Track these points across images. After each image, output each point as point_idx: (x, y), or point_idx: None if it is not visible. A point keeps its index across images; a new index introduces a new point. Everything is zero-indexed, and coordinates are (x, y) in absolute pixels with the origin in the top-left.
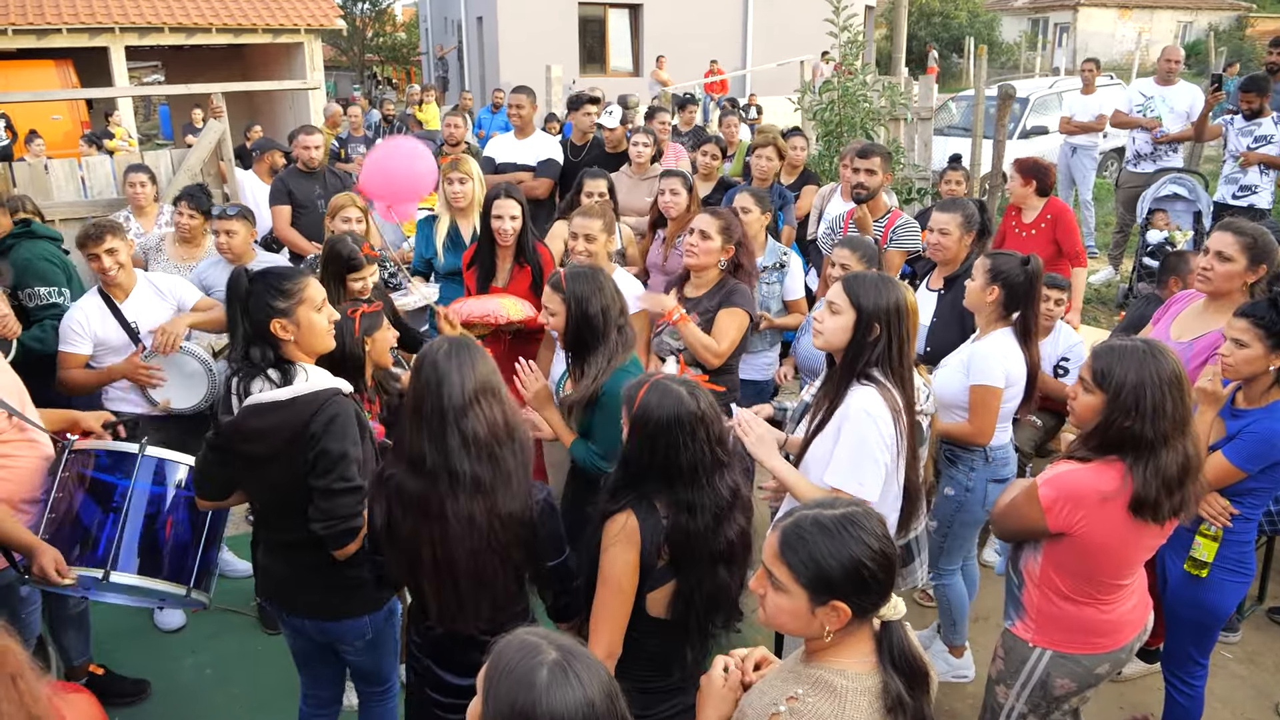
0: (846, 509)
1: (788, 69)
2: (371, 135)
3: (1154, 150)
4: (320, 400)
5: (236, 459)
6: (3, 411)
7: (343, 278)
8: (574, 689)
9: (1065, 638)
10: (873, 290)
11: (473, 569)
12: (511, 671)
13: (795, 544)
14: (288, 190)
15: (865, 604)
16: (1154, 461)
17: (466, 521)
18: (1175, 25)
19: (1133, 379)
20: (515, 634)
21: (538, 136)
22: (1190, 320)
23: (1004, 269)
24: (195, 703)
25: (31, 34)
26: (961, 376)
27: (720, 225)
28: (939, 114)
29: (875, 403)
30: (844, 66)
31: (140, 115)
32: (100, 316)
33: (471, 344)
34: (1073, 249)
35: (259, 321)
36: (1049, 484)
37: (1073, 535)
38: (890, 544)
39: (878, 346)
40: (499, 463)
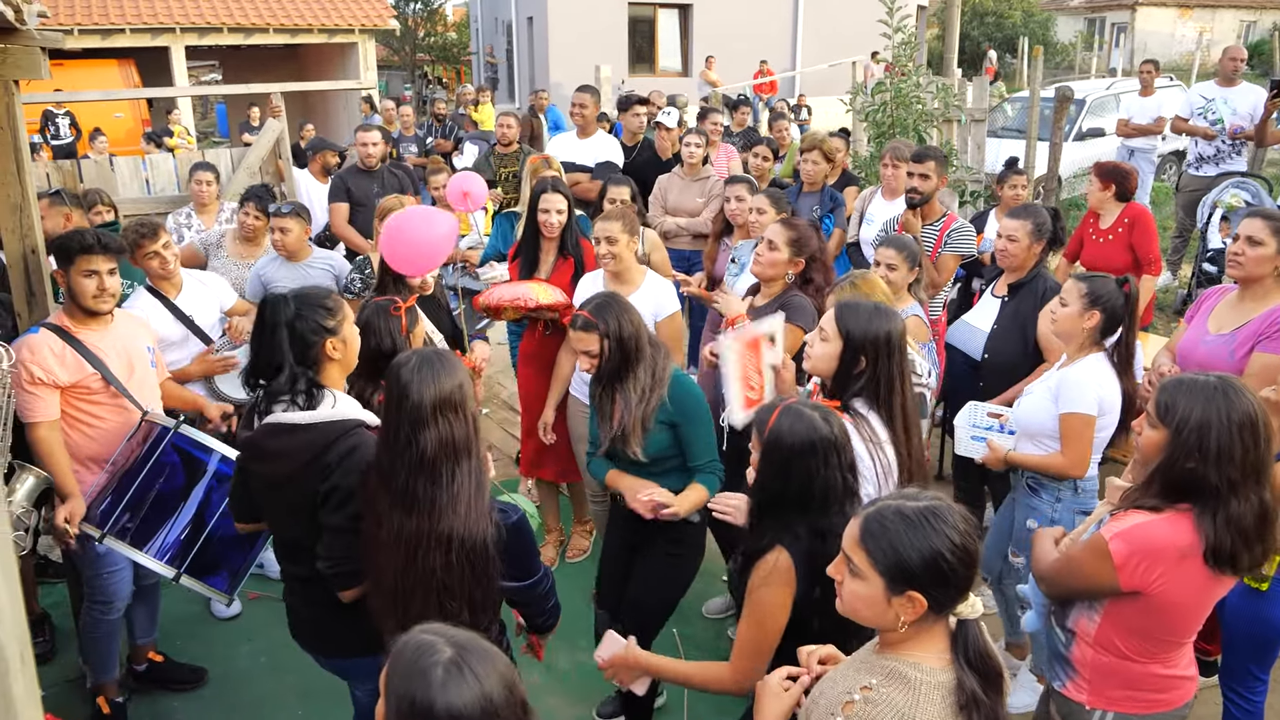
0: (930, 501)
1: (838, 70)
2: (422, 135)
3: (1217, 153)
4: (341, 430)
5: (253, 479)
6: (99, 376)
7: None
8: (469, 685)
9: (1126, 695)
10: (864, 320)
11: (391, 585)
12: (408, 671)
13: (876, 531)
14: (346, 188)
15: (942, 598)
16: (1224, 511)
17: (394, 536)
18: (1238, 25)
19: (1197, 417)
20: (412, 633)
21: (599, 137)
22: (1226, 312)
23: (1104, 294)
24: (249, 690)
25: (96, 34)
26: (1050, 404)
27: (790, 237)
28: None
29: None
30: (896, 67)
31: (198, 114)
32: (156, 315)
33: (445, 356)
34: (1148, 256)
35: (310, 344)
36: (1121, 538)
37: (1148, 594)
38: (973, 540)
39: (862, 379)
40: (444, 482)
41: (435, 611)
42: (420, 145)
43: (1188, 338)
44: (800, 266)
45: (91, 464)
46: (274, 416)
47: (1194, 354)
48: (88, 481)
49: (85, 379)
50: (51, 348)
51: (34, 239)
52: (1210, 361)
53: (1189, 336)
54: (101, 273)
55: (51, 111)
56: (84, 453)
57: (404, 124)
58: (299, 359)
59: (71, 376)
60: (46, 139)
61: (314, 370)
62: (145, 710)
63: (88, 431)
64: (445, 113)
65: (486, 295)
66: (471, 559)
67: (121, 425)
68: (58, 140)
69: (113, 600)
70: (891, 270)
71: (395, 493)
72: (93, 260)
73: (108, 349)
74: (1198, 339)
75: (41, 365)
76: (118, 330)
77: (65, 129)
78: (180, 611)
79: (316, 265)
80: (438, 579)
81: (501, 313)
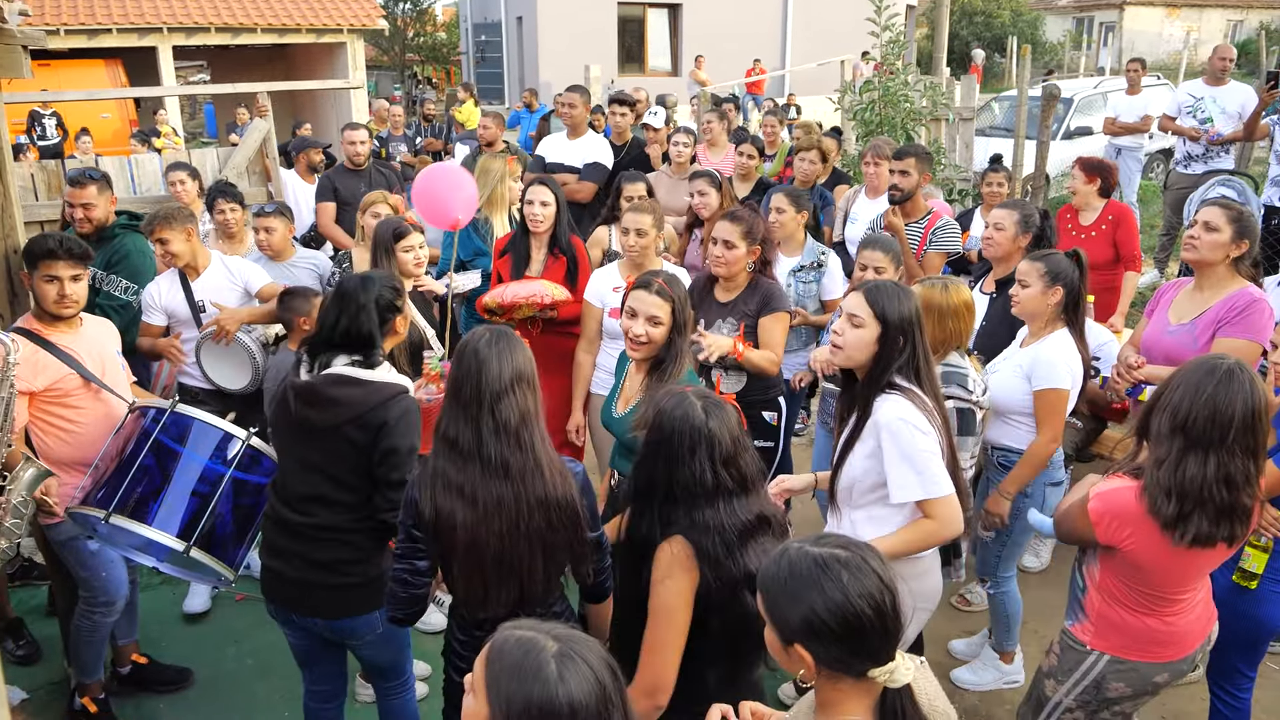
0: (835, 550)
1: (827, 69)
2: (411, 134)
3: (1205, 151)
4: (395, 390)
5: (290, 421)
6: (77, 375)
7: (392, 249)
8: (584, 674)
9: (1124, 643)
10: (895, 300)
11: (498, 552)
12: (519, 669)
13: (767, 578)
14: (333, 187)
15: (832, 657)
16: (1171, 471)
17: (495, 504)
18: (1225, 24)
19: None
20: (506, 632)
21: (588, 138)
22: (1185, 303)
23: (1062, 269)
24: (236, 693)
25: (82, 34)
26: (1020, 382)
27: (741, 230)
28: (981, 114)
29: (908, 410)
30: (885, 66)
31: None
32: (170, 290)
33: (510, 334)
34: (1130, 253)
35: (387, 320)
36: (1099, 498)
37: (1122, 551)
38: (874, 602)
39: (902, 356)
40: (529, 448)
41: (540, 569)
42: (410, 145)
43: (1150, 330)
44: (758, 253)
45: (69, 468)
46: (337, 368)
47: (1159, 345)
48: (68, 485)
49: (60, 380)
50: (25, 352)
51: (15, 239)
52: (1176, 351)
53: (1151, 329)
54: (63, 279)
55: (38, 112)
56: (61, 457)
57: (393, 124)
58: (369, 333)
59: (45, 380)
60: (33, 139)
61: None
62: (130, 713)
63: (64, 436)
64: (434, 113)
65: (497, 295)
66: (568, 516)
67: (103, 422)
68: (44, 141)
69: (115, 600)
70: (879, 273)
71: (484, 465)
72: (54, 266)
73: (80, 350)
74: (1161, 331)
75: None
76: (87, 332)
77: (52, 129)
78: (166, 614)
79: (300, 265)
80: (543, 538)
81: (516, 310)
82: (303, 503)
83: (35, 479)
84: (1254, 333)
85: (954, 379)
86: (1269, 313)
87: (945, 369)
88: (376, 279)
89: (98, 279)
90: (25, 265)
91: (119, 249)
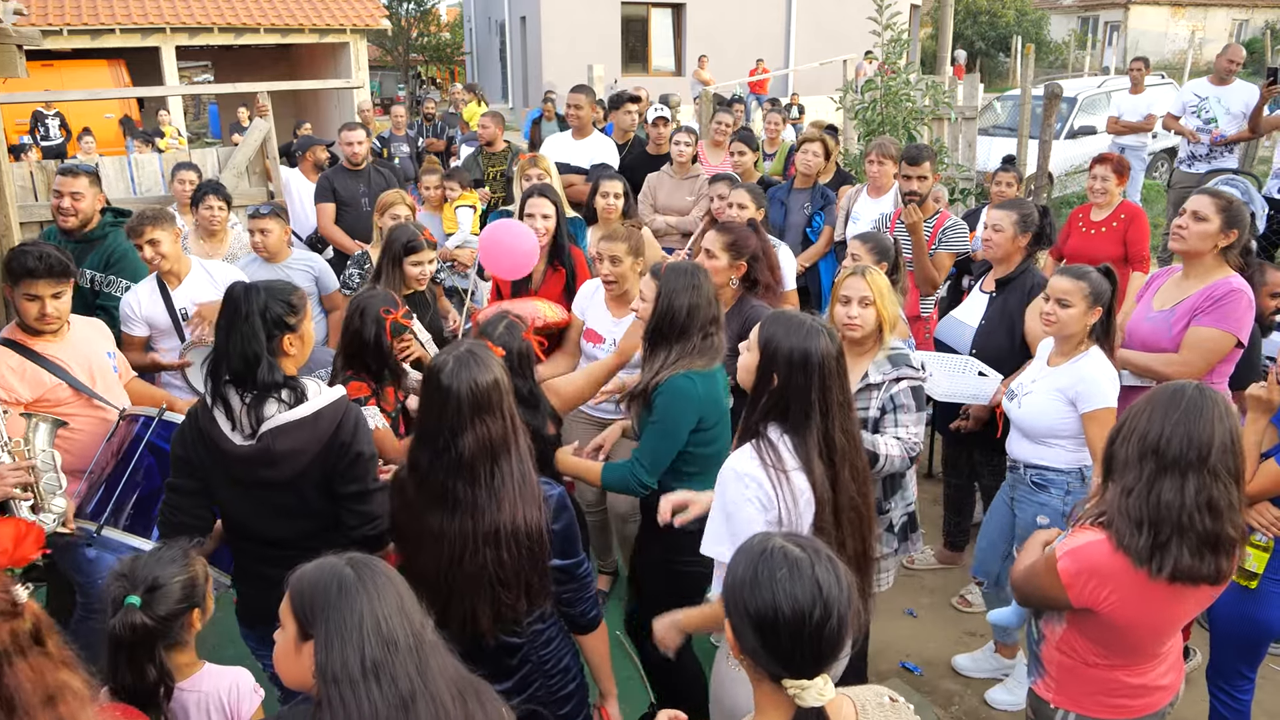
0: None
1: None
2: (414, 134)
3: (1209, 151)
4: (343, 407)
5: (242, 486)
6: (67, 385)
7: (401, 261)
8: (380, 577)
9: (1089, 698)
10: (783, 334)
11: (436, 581)
12: (321, 586)
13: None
14: (332, 188)
15: (747, 646)
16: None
17: (435, 535)
18: (1230, 23)
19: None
20: (303, 567)
21: (594, 138)
22: (1170, 290)
23: (1103, 290)
24: None
25: (86, 34)
26: (1061, 406)
27: (726, 241)
28: (984, 113)
29: (744, 460)
30: (887, 65)
31: (190, 115)
32: (150, 300)
33: (480, 354)
34: (1140, 253)
35: (271, 337)
36: (1070, 556)
37: (1100, 613)
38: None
39: (772, 397)
40: (484, 481)
41: (487, 604)
42: (412, 145)
43: (1134, 315)
44: (742, 269)
45: (67, 477)
46: (278, 419)
47: (1137, 330)
48: (67, 493)
49: (50, 391)
50: (9, 364)
51: (10, 241)
52: (1151, 337)
53: (1135, 314)
54: (44, 297)
55: (41, 112)
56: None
57: (395, 124)
58: (266, 352)
59: (34, 392)
60: (36, 140)
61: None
62: None
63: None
64: (435, 112)
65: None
66: (529, 545)
67: (97, 430)
68: (47, 141)
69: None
70: (855, 261)
71: (433, 494)
72: (34, 285)
73: (67, 358)
74: (1141, 316)
75: (1, 383)
76: (75, 338)
77: (55, 130)
78: None
79: (296, 267)
80: (489, 574)
81: None
82: (281, 545)
83: (50, 431)
84: (1228, 323)
85: (901, 361)
86: (1247, 303)
87: (891, 353)
88: (266, 289)
89: (96, 281)
90: (6, 280)
91: (114, 248)
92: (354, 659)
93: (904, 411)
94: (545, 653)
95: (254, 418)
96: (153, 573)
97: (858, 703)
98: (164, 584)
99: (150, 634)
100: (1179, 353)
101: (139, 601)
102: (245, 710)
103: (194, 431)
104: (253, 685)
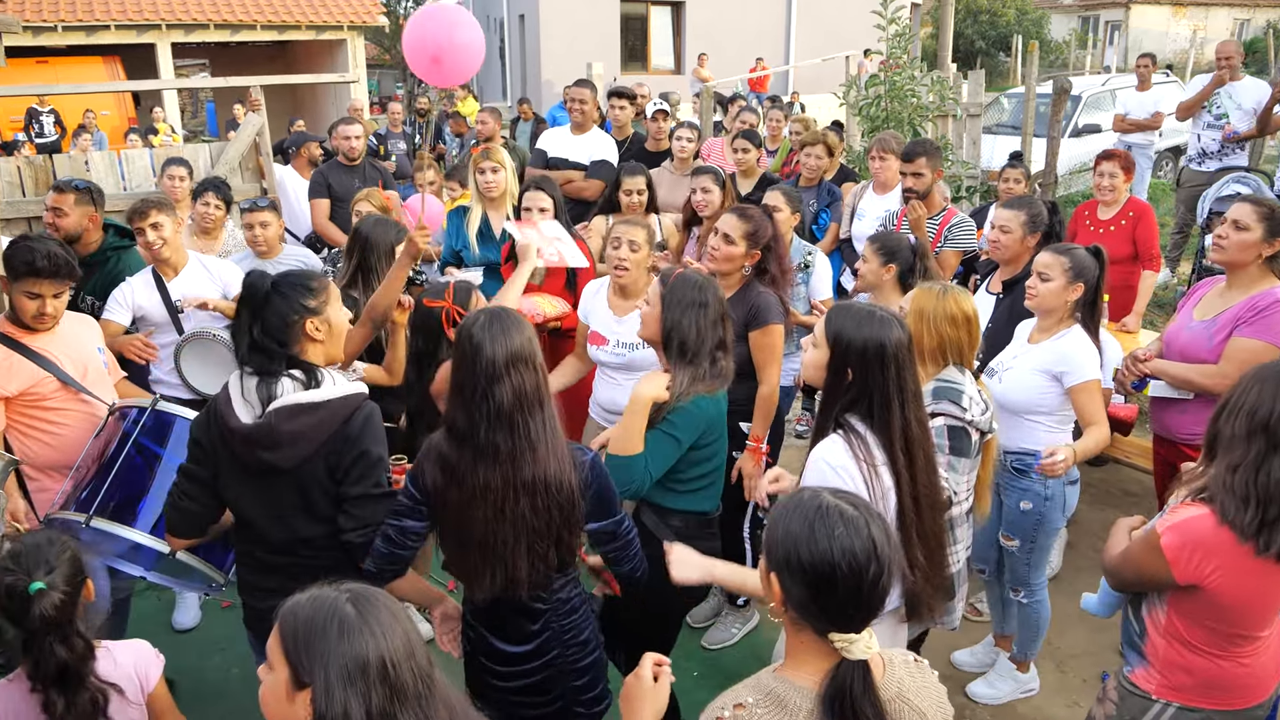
0: (849, 505)
1: (830, 67)
2: (410, 132)
3: (1220, 148)
4: (357, 401)
5: (244, 469)
6: (54, 378)
7: (393, 253)
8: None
9: (1195, 690)
10: (852, 326)
11: (482, 536)
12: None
13: (776, 506)
14: (327, 184)
15: (803, 603)
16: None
17: (481, 489)
18: (1232, 23)
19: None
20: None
21: (594, 134)
22: (1212, 300)
23: (1085, 265)
24: (220, 701)
25: (81, 30)
26: (1040, 380)
27: (745, 229)
28: (989, 111)
29: (837, 453)
30: (890, 60)
31: (188, 113)
32: (146, 290)
33: (508, 314)
34: (1150, 251)
35: (291, 323)
36: (1172, 531)
37: (1205, 588)
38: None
39: (850, 391)
40: (522, 431)
41: (524, 556)
42: (409, 142)
43: (1173, 324)
44: (756, 258)
45: (54, 472)
46: (286, 399)
47: (1176, 340)
48: (52, 490)
49: (37, 384)
50: None
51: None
52: (1190, 347)
53: (1175, 324)
54: (45, 297)
55: (36, 109)
56: (44, 461)
57: (392, 121)
58: (278, 338)
59: (21, 385)
60: (31, 136)
61: (295, 350)
62: None
63: (47, 440)
64: (427, 107)
65: None
66: (560, 501)
67: (85, 424)
68: (42, 138)
69: (98, 611)
70: (864, 263)
71: (476, 449)
72: (39, 284)
73: (57, 352)
74: (1182, 326)
75: None
76: (65, 333)
77: (50, 127)
78: (148, 624)
79: (288, 262)
80: (528, 524)
81: None
82: (284, 547)
83: (2, 470)
84: (1271, 334)
85: (946, 394)
86: None
87: (938, 384)
88: (280, 276)
89: (95, 307)
90: (5, 269)
91: (114, 275)
92: (358, 711)
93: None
94: (566, 622)
95: (264, 393)
96: (40, 556)
97: (885, 658)
98: (55, 562)
99: (68, 610)
100: (1218, 364)
101: (44, 584)
102: (153, 676)
103: (211, 411)
104: (154, 653)
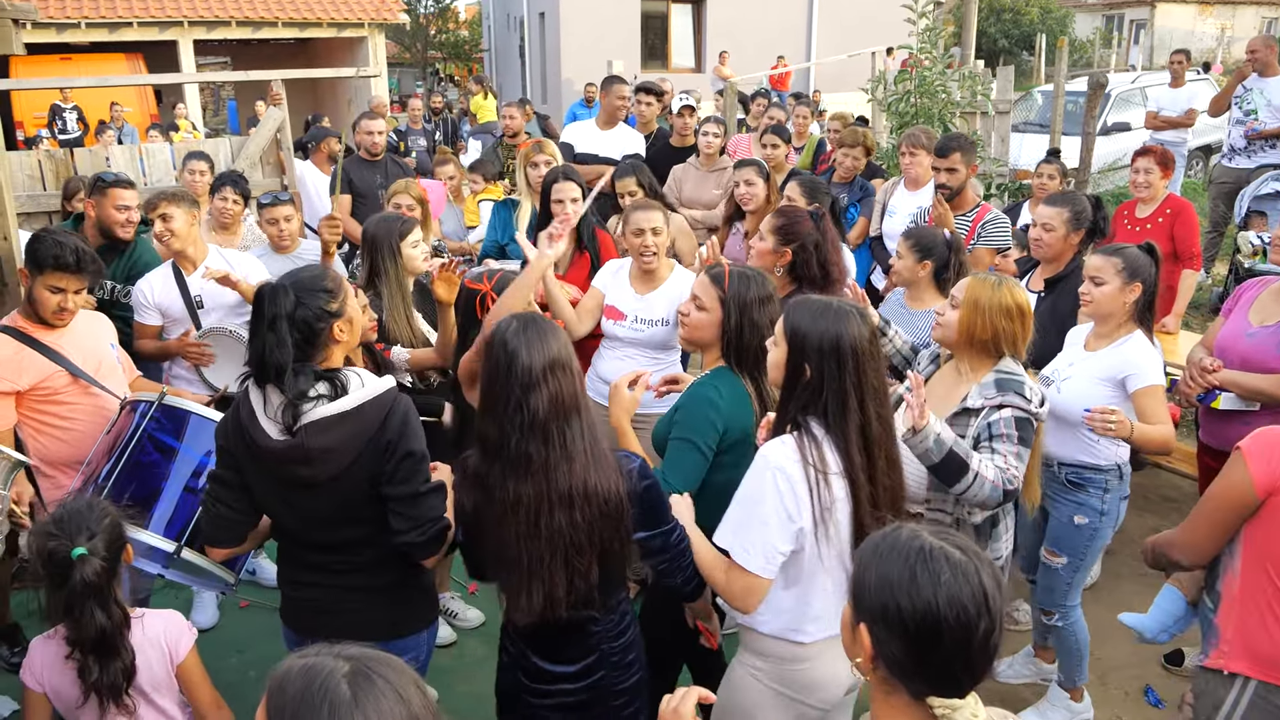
0: (943, 544)
1: (853, 64)
2: (431, 129)
3: (1248, 145)
4: (389, 401)
5: (278, 485)
6: (66, 372)
7: (398, 249)
8: (384, 692)
9: (1273, 666)
10: (808, 320)
11: (518, 552)
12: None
13: (865, 547)
14: (349, 179)
15: (893, 656)
16: None
17: (512, 503)
18: (1259, 20)
19: None
20: (288, 661)
21: (621, 129)
22: (1269, 304)
23: (1140, 264)
24: (236, 703)
25: (103, 27)
26: (1103, 390)
27: (775, 224)
28: (1019, 107)
29: (781, 454)
30: (919, 54)
31: (210, 111)
32: (164, 287)
33: (541, 319)
34: (1190, 250)
35: (317, 332)
36: (1251, 439)
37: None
38: (957, 613)
39: (808, 390)
40: (557, 441)
41: (562, 572)
42: (429, 138)
43: (1227, 331)
44: (787, 257)
45: (65, 468)
46: (315, 413)
47: (1236, 347)
48: (64, 486)
49: (48, 379)
50: (3, 353)
51: (4, 226)
52: (1256, 354)
53: (1229, 329)
54: (68, 291)
55: (59, 105)
56: (57, 457)
57: (412, 118)
58: (306, 349)
59: (32, 379)
60: (54, 133)
61: (322, 357)
62: None
63: (59, 435)
64: (441, 104)
65: None
66: (607, 512)
67: (97, 418)
68: (65, 135)
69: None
70: (899, 259)
71: (506, 461)
72: (64, 279)
73: (69, 346)
74: (1239, 332)
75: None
76: (77, 328)
77: (73, 123)
78: None
79: (306, 257)
80: (565, 538)
81: None
82: (327, 550)
83: (9, 470)
84: None
85: (1010, 386)
86: None
87: (999, 376)
88: (295, 284)
89: (117, 291)
90: (28, 263)
91: (138, 260)
92: None
93: (1002, 441)
94: (617, 644)
95: (290, 413)
96: (82, 522)
97: None
98: (96, 528)
99: (108, 575)
100: None
101: (86, 550)
102: (183, 647)
103: (234, 422)
104: (187, 625)
